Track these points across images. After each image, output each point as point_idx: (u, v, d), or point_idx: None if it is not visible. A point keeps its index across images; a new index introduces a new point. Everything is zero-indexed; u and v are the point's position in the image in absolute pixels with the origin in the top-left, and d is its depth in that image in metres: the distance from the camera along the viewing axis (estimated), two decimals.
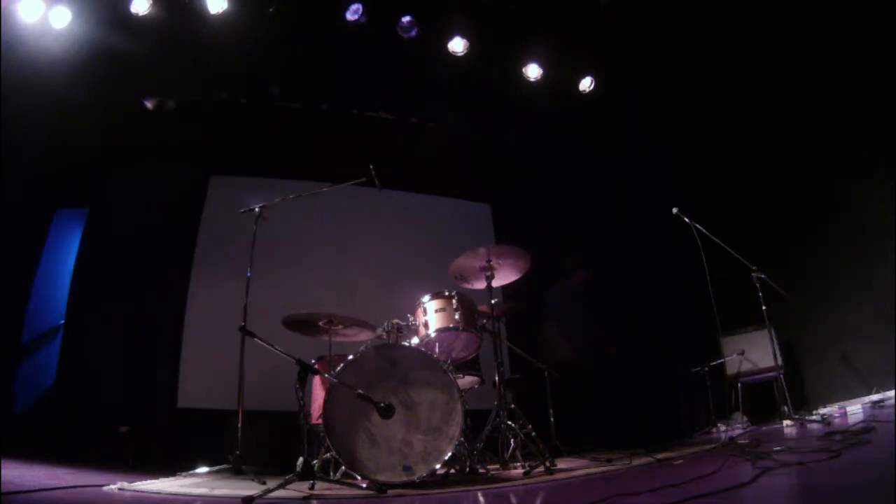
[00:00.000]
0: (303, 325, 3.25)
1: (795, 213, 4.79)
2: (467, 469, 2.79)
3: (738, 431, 3.97)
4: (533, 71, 4.99)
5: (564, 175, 5.99)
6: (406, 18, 4.56)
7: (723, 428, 4.36)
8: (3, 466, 2.23)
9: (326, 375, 2.62)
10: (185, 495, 2.29)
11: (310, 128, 5.39)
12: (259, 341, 2.41)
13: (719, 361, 4.70)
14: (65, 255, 4.75)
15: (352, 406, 2.49)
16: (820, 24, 4.26)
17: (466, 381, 3.52)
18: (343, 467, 2.52)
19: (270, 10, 4.32)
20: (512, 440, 3.18)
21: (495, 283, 3.35)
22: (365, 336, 3.44)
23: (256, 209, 3.53)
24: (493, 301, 3.28)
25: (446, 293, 3.18)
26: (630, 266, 5.62)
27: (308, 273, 5.03)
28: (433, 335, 3.09)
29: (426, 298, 3.20)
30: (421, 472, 2.46)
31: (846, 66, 4.24)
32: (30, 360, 4.41)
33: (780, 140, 4.91)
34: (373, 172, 3.61)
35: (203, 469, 3.11)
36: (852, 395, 4.02)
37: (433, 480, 2.53)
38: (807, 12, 4.26)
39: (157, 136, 4.77)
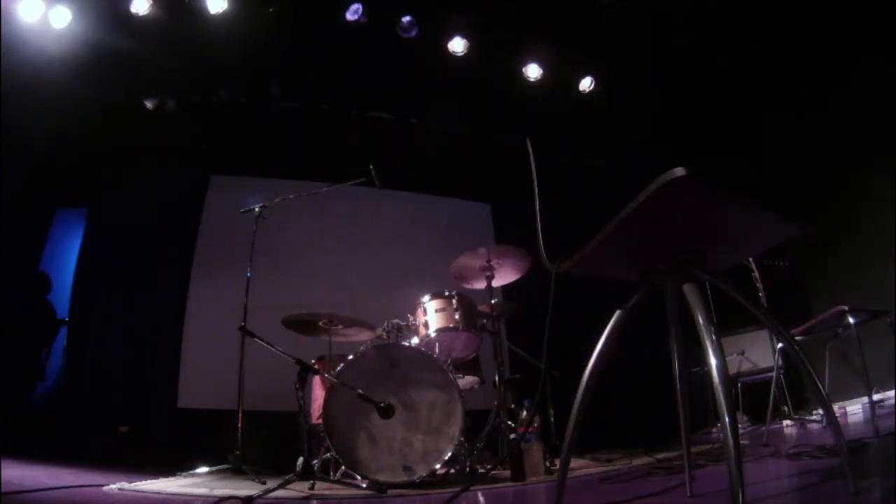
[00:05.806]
0: (303, 325, 3.25)
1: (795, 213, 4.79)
2: (467, 469, 2.79)
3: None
4: (533, 71, 4.99)
5: (564, 175, 5.98)
6: (406, 18, 4.56)
7: None
8: (3, 466, 2.23)
9: (326, 375, 2.62)
10: (185, 495, 2.29)
11: (310, 128, 5.39)
12: (259, 341, 2.41)
13: None
14: (66, 255, 4.75)
15: (352, 406, 2.50)
16: (820, 24, 4.25)
17: (466, 381, 3.52)
18: (343, 467, 2.52)
19: (270, 10, 4.32)
20: None
21: (495, 283, 3.36)
22: (365, 336, 3.43)
23: (256, 209, 3.53)
24: (493, 301, 3.28)
25: (446, 293, 3.18)
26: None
27: (308, 273, 5.03)
28: (433, 335, 3.09)
29: (426, 298, 3.20)
30: (421, 472, 2.46)
31: (846, 66, 4.24)
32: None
33: (779, 140, 4.90)
34: (373, 172, 3.61)
35: (203, 469, 3.10)
36: (852, 395, 4.01)
37: (433, 480, 2.53)
38: (808, 12, 4.26)
39: (156, 136, 4.76)
